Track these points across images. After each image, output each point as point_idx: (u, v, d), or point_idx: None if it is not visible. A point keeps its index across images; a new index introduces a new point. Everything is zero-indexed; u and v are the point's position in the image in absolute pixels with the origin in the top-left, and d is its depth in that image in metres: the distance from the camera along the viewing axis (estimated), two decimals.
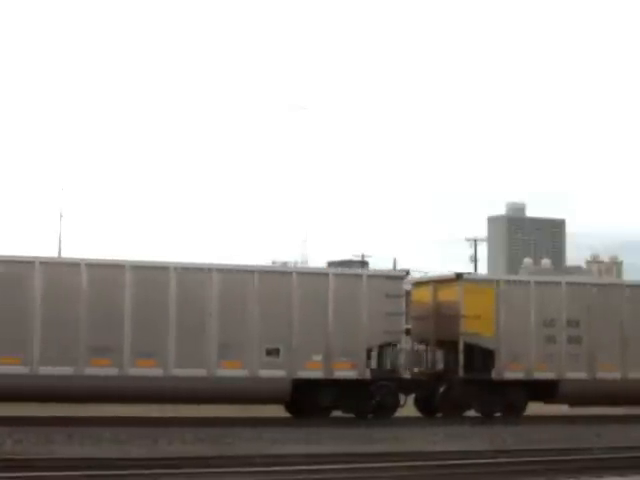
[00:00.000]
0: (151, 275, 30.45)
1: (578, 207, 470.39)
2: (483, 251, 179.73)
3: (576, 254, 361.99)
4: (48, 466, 18.20)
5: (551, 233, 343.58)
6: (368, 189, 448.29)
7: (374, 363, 32.45)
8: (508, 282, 34.69)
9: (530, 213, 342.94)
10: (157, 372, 29.88)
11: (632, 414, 34.56)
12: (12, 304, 29.12)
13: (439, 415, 33.31)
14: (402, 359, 33.53)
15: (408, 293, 33.96)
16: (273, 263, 79.12)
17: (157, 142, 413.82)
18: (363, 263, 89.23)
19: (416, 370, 34.31)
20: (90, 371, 29.34)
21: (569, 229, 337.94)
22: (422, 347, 34.87)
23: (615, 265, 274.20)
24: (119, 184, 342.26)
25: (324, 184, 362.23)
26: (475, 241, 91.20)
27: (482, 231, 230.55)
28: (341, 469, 18.96)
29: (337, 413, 32.52)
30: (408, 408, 33.10)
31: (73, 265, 30.19)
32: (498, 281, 34.40)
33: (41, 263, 29.76)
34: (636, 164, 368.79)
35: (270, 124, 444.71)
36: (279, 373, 30.84)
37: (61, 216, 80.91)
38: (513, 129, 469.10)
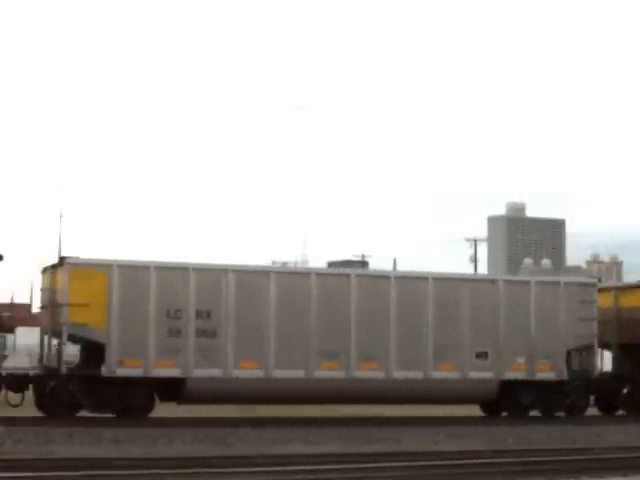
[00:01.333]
0: (373, 283, 32.37)
1: (578, 207, 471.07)
2: (483, 251, 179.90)
3: (576, 254, 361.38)
4: (48, 466, 18.18)
5: (551, 233, 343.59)
6: (368, 189, 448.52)
7: (572, 365, 33.94)
8: None
9: (530, 213, 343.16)
10: (379, 374, 31.63)
11: (632, 414, 34.55)
12: (250, 313, 30.66)
13: (622, 413, 34.82)
14: (594, 361, 34.37)
15: None
16: (273, 263, 79.13)
17: (157, 142, 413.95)
18: (363, 263, 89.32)
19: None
20: (319, 374, 31.09)
21: (569, 229, 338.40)
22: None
23: (615, 265, 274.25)
24: (119, 184, 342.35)
25: (324, 184, 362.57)
26: (475, 241, 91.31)
27: (482, 231, 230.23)
28: (341, 469, 18.95)
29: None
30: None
31: (304, 274, 32.36)
32: None
33: (275, 273, 31.90)
34: (636, 164, 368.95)
35: (270, 124, 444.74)
36: (487, 375, 32.68)
37: (61, 216, 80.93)
38: (513, 129, 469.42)
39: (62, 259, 29.83)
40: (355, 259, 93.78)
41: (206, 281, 30.32)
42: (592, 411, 34.66)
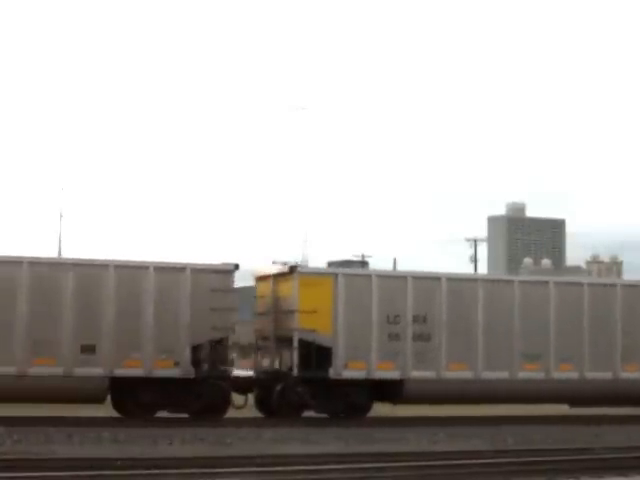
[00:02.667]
0: (569, 290, 34.09)
1: (578, 207, 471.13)
2: (483, 251, 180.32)
3: (576, 254, 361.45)
4: (48, 466, 18.19)
5: (551, 233, 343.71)
6: (368, 189, 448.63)
7: None
8: None
9: (530, 213, 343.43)
10: (574, 375, 33.36)
11: (633, 414, 34.54)
12: (461, 318, 32.51)
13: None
14: None
15: None
16: (273, 263, 79.04)
17: (157, 142, 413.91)
18: (363, 263, 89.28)
19: None
20: (522, 375, 32.80)
21: (569, 229, 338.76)
22: None
23: (615, 265, 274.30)
24: (119, 184, 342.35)
25: (324, 184, 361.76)
26: (475, 241, 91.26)
27: (482, 231, 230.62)
28: (341, 469, 18.95)
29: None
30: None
31: (508, 282, 34.08)
32: None
33: (483, 281, 33.81)
34: (636, 164, 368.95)
35: (270, 124, 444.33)
36: None
37: (61, 216, 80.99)
38: (513, 129, 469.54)
39: (292, 268, 31.98)
40: (355, 259, 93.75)
41: (422, 288, 32.29)
42: (593, 411, 34.66)
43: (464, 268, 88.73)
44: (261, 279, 33.47)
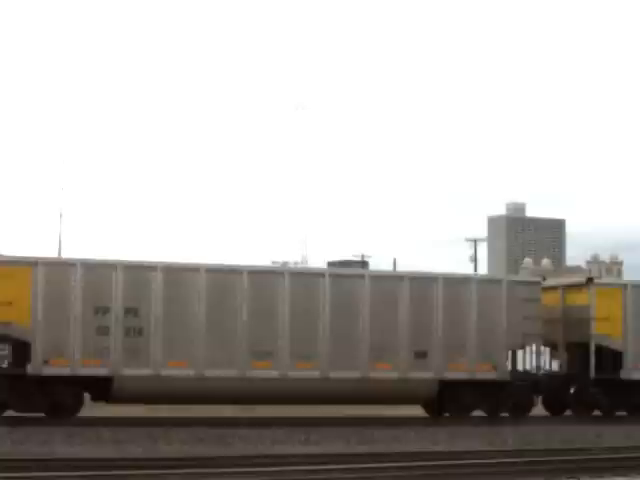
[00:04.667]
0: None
1: (578, 207, 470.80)
2: (483, 251, 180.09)
3: (576, 254, 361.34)
4: (48, 466, 18.19)
5: (551, 233, 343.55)
6: (368, 189, 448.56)
7: None
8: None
9: (530, 213, 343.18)
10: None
11: (632, 414, 34.55)
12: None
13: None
14: None
15: None
16: (273, 263, 79.06)
17: (158, 142, 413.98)
18: (363, 263, 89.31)
19: None
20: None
21: (569, 229, 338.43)
22: None
23: (615, 265, 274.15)
24: (119, 184, 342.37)
25: (324, 184, 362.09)
26: (475, 241, 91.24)
27: (482, 231, 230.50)
28: (341, 469, 18.94)
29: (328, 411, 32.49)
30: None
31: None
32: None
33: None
34: (636, 164, 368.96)
35: (270, 124, 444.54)
36: None
37: (61, 216, 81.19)
38: (513, 129, 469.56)
39: (589, 279, 34.94)
40: (355, 259, 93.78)
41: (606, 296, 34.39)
42: (595, 411, 34.68)
43: (464, 268, 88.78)
44: (548, 290, 35.10)
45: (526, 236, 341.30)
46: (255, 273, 31.53)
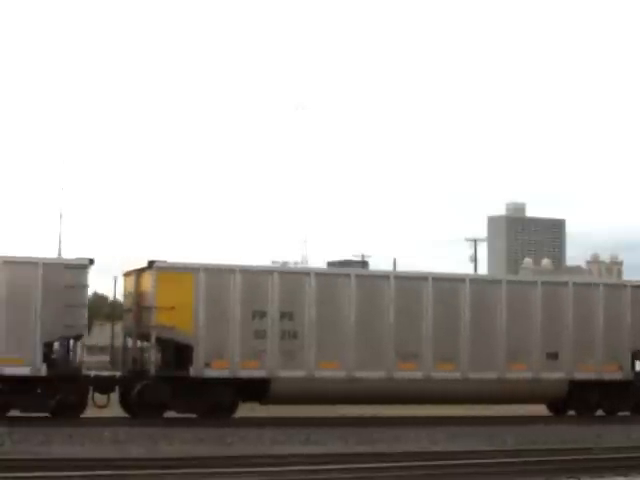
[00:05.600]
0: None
1: (578, 207, 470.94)
2: (483, 251, 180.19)
3: (576, 254, 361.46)
4: (48, 466, 18.19)
5: (551, 233, 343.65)
6: (368, 189, 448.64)
7: None
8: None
9: (530, 213, 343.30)
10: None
11: (633, 414, 34.56)
12: None
13: None
14: None
15: None
16: (273, 263, 79.07)
17: (158, 142, 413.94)
18: (363, 263, 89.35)
19: None
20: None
21: (569, 229, 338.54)
22: None
23: (615, 265, 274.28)
24: (119, 184, 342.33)
25: (324, 184, 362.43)
26: (475, 241, 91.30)
27: (482, 231, 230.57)
28: (341, 469, 18.94)
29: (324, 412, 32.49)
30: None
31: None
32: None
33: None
34: (636, 164, 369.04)
35: (270, 124, 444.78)
36: None
37: (61, 216, 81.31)
38: (513, 129, 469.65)
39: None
40: (355, 259, 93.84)
41: None
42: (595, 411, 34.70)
43: (464, 268, 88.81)
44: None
45: (526, 236, 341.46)
46: (401, 278, 33.15)
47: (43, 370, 28.97)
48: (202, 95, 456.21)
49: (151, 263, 30.45)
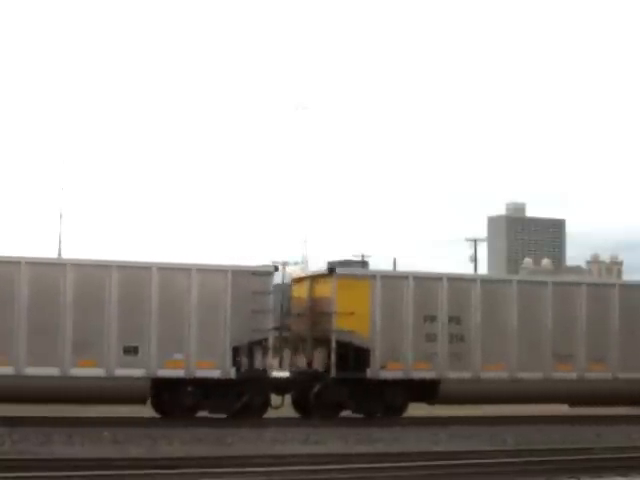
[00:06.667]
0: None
1: (578, 207, 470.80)
2: (483, 251, 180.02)
3: (576, 254, 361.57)
4: (48, 466, 18.19)
5: (551, 233, 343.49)
6: (368, 189, 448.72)
7: None
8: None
9: (530, 213, 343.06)
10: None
11: (633, 414, 34.55)
12: None
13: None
14: None
15: None
16: (273, 263, 78.94)
17: (158, 142, 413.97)
18: (363, 263, 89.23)
19: None
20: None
21: (569, 229, 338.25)
22: None
23: (615, 265, 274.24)
24: (119, 184, 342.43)
25: (324, 184, 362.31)
26: (475, 241, 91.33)
27: (482, 231, 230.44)
28: (341, 469, 18.94)
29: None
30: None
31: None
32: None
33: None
34: (636, 164, 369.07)
35: (271, 124, 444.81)
36: None
37: (61, 216, 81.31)
38: (513, 129, 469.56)
39: None
40: (355, 259, 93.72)
41: None
42: (593, 411, 34.68)
43: (464, 268, 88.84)
44: None
45: (526, 236, 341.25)
46: (558, 284, 35.12)
47: (232, 373, 30.50)
48: (202, 95, 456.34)
49: (331, 270, 32.39)
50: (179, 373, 30.06)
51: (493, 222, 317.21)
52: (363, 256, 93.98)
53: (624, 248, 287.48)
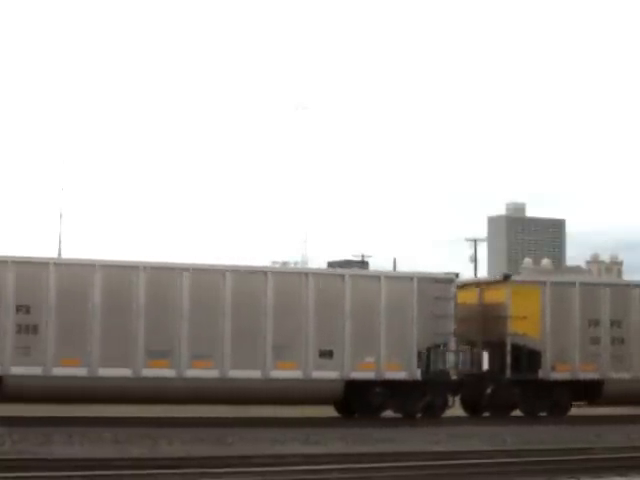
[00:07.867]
0: None
1: (578, 207, 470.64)
2: (483, 251, 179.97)
3: (576, 254, 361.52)
4: (48, 466, 18.19)
5: (551, 233, 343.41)
6: (368, 189, 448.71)
7: None
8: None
9: (530, 213, 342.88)
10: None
11: (632, 414, 34.57)
12: None
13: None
14: None
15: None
16: (273, 264, 78.93)
17: (158, 142, 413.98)
18: (363, 263, 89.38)
19: None
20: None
21: (569, 229, 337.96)
22: None
23: (615, 265, 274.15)
24: (119, 184, 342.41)
25: (324, 184, 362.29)
26: (475, 241, 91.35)
27: (482, 231, 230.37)
28: (341, 469, 18.94)
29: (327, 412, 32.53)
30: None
31: None
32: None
33: None
34: (636, 164, 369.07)
35: (271, 124, 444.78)
36: None
37: (61, 216, 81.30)
38: (513, 129, 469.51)
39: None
40: (355, 259, 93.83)
41: None
42: (595, 411, 34.71)
43: (464, 268, 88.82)
44: None
45: (526, 236, 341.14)
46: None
47: (418, 374, 32.26)
48: (202, 95, 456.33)
49: (506, 277, 35.18)
50: (370, 375, 31.92)
51: (493, 222, 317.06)
52: (363, 256, 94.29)
53: (624, 248, 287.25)
